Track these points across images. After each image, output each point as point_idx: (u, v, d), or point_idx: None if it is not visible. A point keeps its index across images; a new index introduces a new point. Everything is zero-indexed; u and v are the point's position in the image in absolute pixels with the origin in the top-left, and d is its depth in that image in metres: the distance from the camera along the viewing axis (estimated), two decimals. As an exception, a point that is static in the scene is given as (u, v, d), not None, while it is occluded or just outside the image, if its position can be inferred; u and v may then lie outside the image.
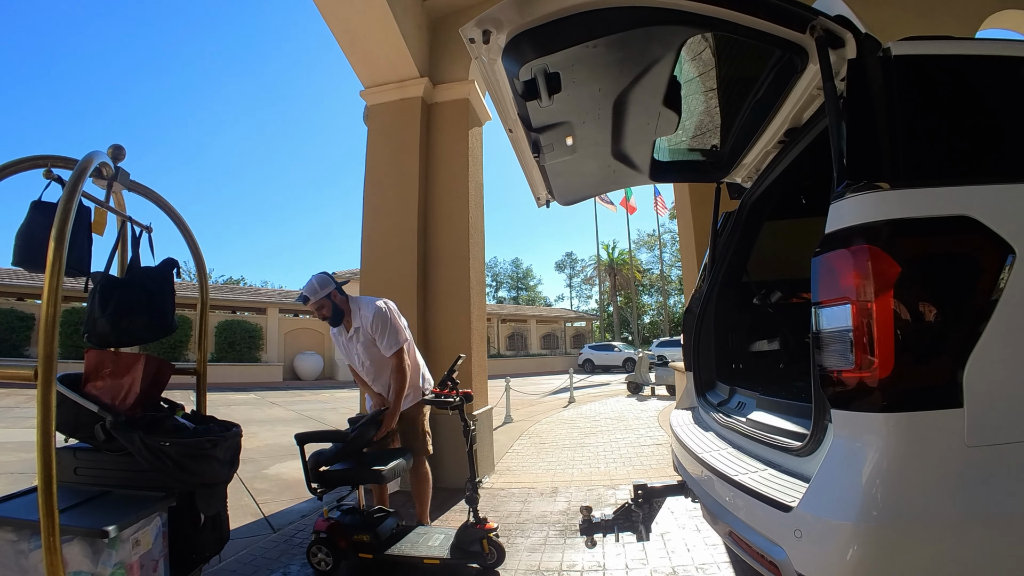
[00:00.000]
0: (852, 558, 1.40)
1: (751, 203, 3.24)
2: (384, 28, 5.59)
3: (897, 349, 1.44)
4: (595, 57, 2.19)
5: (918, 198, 1.56)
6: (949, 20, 5.81)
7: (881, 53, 1.76)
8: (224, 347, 23.79)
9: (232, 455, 2.80)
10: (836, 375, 1.57)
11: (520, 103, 2.39)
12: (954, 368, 1.43)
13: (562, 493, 5.13)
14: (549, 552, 3.70)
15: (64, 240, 2.10)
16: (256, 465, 6.80)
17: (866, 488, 1.43)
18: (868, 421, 1.49)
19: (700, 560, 3.39)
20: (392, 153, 6.19)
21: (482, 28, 1.99)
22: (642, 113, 2.69)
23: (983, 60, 1.84)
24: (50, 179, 2.60)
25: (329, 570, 3.42)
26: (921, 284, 1.50)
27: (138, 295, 2.99)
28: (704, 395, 3.16)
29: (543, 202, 3.49)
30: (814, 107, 2.44)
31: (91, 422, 2.58)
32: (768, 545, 1.69)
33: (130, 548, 2.31)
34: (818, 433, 1.71)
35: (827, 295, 1.60)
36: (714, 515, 2.20)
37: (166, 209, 3.18)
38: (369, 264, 6.09)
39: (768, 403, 2.52)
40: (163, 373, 2.96)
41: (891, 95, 1.71)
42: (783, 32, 1.95)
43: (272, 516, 4.77)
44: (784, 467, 1.94)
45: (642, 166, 3.28)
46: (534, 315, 40.74)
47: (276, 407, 14.18)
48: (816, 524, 1.49)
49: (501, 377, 12.65)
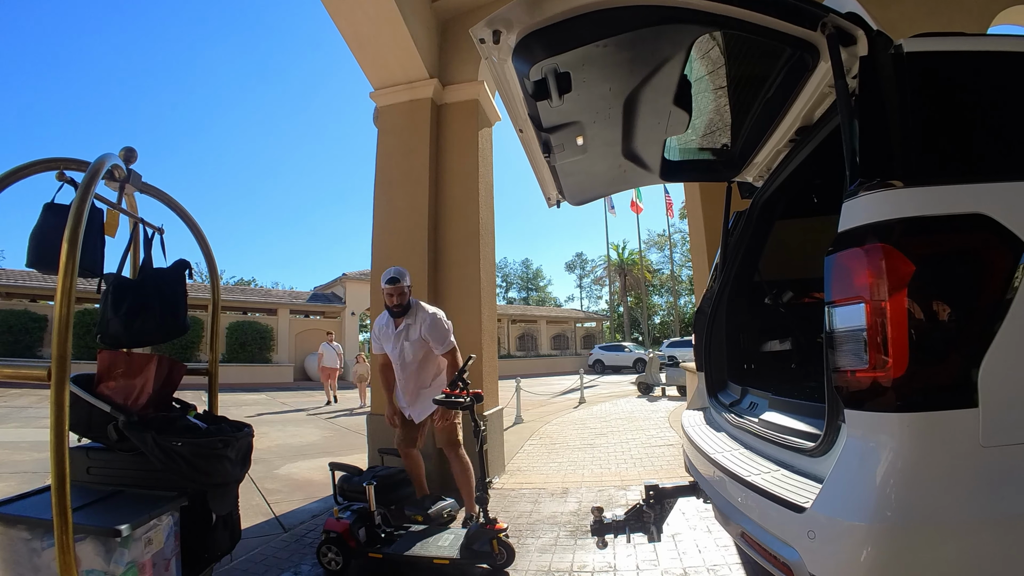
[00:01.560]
0: (866, 559, 1.39)
1: (762, 202, 3.23)
2: (393, 30, 5.60)
3: (911, 348, 1.43)
4: (605, 56, 2.19)
5: (932, 196, 1.55)
6: (959, 17, 5.75)
7: (893, 50, 1.75)
8: (235, 348, 23.92)
9: (244, 455, 2.82)
10: (850, 375, 1.56)
11: (530, 103, 2.39)
12: (968, 368, 1.42)
13: (573, 494, 5.11)
14: (560, 553, 3.69)
15: (77, 242, 2.12)
16: (267, 465, 6.82)
17: (880, 489, 1.42)
18: (882, 421, 1.48)
19: (712, 561, 3.37)
20: (402, 154, 6.20)
21: (492, 28, 1.99)
22: (652, 112, 2.68)
23: (996, 56, 1.83)
24: (63, 181, 2.62)
25: (339, 570, 3.43)
26: (935, 283, 1.49)
27: (150, 296, 3.01)
28: (716, 395, 3.14)
29: (553, 202, 3.49)
30: (825, 105, 2.43)
31: (104, 422, 2.59)
32: (781, 546, 1.68)
33: (142, 547, 2.33)
34: (831, 433, 1.70)
35: (840, 294, 1.59)
36: (726, 516, 2.19)
37: (178, 211, 3.20)
38: (380, 265, 6.08)
39: (780, 403, 2.51)
40: (175, 373, 2.97)
41: (904, 92, 1.69)
42: (794, 30, 1.95)
43: (283, 516, 4.78)
44: (797, 468, 1.93)
45: (653, 165, 3.27)
46: (544, 316, 40.70)
47: (286, 408, 14.24)
48: (830, 525, 1.48)
49: (511, 378, 12.65)
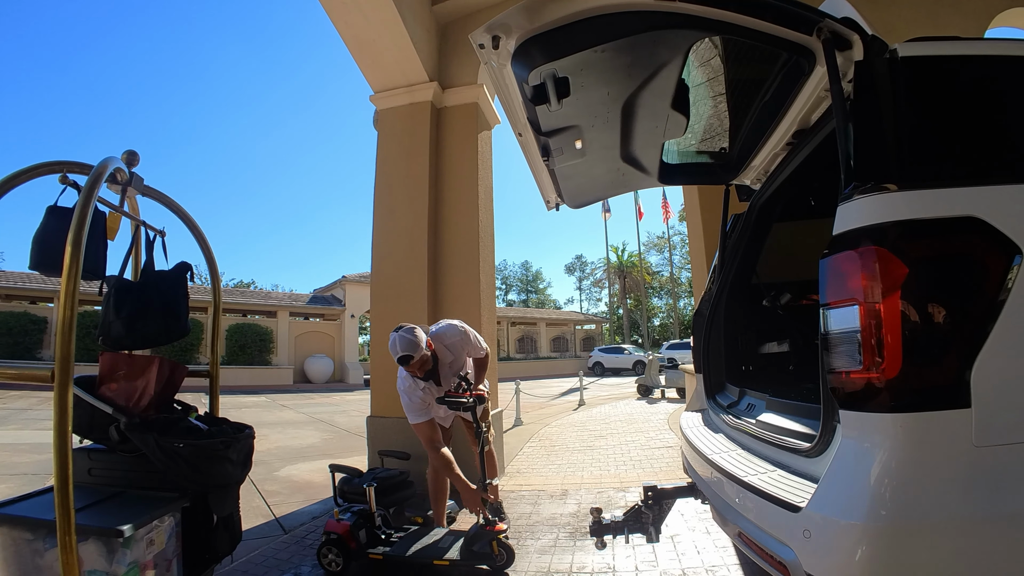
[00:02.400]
0: (861, 558, 1.41)
1: (760, 205, 3.24)
2: (393, 32, 5.62)
3: (905, 350, 1.45)
4: (604, 61, 2.21)
5: (925, 199, 1.56)
6: (957, 19, 5.78)
7: (888, 55, 1.77)
8: (235, 350, 23.92)
9: (245, 457, 2.83)
10: (844, 376, 1.57)
11: (530, 107, 2.41)
12: (962, 369, 1.44)
13: (572, 495, 5.12)
14: (559, 554, 3.71)
15: (80, 245, 2.14)
16: (267, 467, 6.83)
17: (875, 488, 1.44)
18: (876, 422, 1.49)
19: (710, 562, 3.39)
20: (402, 157, 6.22)
21: (492, 34, 2.01)
22: (651, 116, 2.70)
23: (990, 60, 1.85)
24: (66, 184, 2.64)
25: (340, 571, 3.44)
26: (928, 285, 1.50)
27: (152, 298, 3.03)
28: (714, 397, 3.16)
29: (552, 205, 3.51)
30: (822, 109, 2.45)
31: (106, 424, 2.61)
32: (777, 546, 1.69)
33: (144, 547, 2.35)
34: (827, 434, 1.71)
35: (835, 296, 1.61)
36: (723, 516, 2.20)
37: (179, 213, 3.22)
38: (380, 267, 6.12)
39: (778, 404, 2.53)
40: (177, 375, 2.98)
41: (898, 96, 1.71)
42: (790, 35, 1.96)
43: (283, 517, 4.80)
44: (793, 468, 1.94)
45: (651, 169, 3.29)
46: (544, 318, 40.70)
47: (287, 410, 14.25)
48: (825, 524, 1.50)
49: (511, 380, 12.67)
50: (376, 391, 5.91)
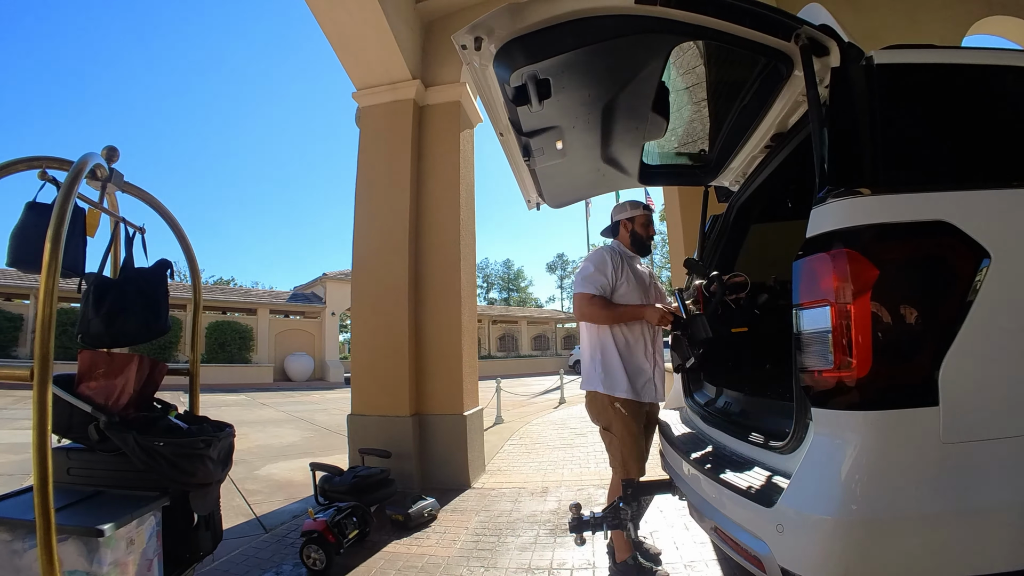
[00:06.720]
0: (833, 552, 1.45)
1: (738, 206, 3.29)
2: (377, 30, 5.60)
3: (875, 349, 1.49)
4: (585, 64, 2.23)
5: (897, 203, 1.61)
6: (936, 26, 5.89)
7: (864, 61, 1.81)
8: (214, 348, 23.63)
9: (225, 455, 2.82)
10: (816, 375, 1.62)
11: (511, 108, 2.43)
12: (930, 368, 1.49)
13: (552, 493, 5.16)
14: (539, 551, 3.73)
15: (60, 241, 2.11)
16: (247, 466, 6.79)
17: (845, 483, 1.48)
18: (847, 419, 1.54)
19: (689, 558, 3.43)
20: (384, 155, 6.20)
21: (474, 35, 2.02)
22: (631, 118, 2.73)
23: (962, 69, 1.90)
24: (45, 180, 2.60)
25: (323, 569, 3.45)
26: (899, 287, 1.55)
27: (132, 296, 2.99)
28: (692, 395, 3.20)
29: (533, 205, 3.53)
30: (799, 113, 2.50)
31: (85, 422, 2.58)
32: (751, 540, 1.73)
33: (124, 547, 2.33)
34: (799, 431, 1.75)
35: (807, 297, 1.65)
36: (700, 512, 2.24)
37: (159, 210, 3.19)
38: (361, 265, 6.09)
39: (753, 402, 2.58)
40: (157, 373, 2.96)
41: (873, 102, 1.76)
42: (769, 40, 2.00)
43: (264, 516, 4.77)
44: (767, 464, 1.98)
45: (631, 170, 3.32)
46: (525, 316, 40.75)
47: (267, 408, 14.13)
48: (797, 519, 1.54)
49: (492, 378, 12.67)
50: (357, 389, 5.88)
